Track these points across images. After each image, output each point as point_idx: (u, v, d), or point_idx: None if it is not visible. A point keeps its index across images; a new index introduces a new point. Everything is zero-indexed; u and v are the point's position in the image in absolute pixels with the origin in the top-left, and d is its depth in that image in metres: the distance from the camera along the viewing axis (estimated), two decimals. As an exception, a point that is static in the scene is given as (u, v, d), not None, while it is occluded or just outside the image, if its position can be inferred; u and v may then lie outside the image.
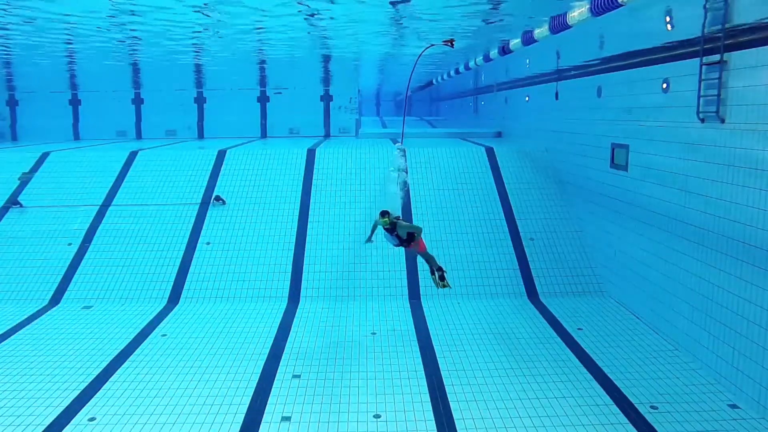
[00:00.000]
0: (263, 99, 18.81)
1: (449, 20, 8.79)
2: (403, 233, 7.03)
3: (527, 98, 14.03)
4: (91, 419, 5.94)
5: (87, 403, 6.27)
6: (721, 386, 6.43)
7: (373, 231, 7.78)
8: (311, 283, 9.85)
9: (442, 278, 7.33)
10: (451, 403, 6.20)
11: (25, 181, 12.25)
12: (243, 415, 6.00)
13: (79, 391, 6.53)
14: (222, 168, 12.44)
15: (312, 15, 7.96)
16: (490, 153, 12.61)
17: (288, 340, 7.97)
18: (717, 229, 6.54)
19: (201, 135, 18.87)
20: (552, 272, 9.96)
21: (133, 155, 13.04)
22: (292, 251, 10.40)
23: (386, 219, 6.92)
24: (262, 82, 18.03)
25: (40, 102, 18.76)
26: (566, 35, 8.95)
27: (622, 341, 7.76)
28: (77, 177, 12.33)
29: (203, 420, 5.91)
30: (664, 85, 7.58)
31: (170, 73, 15.50)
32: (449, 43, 9.19)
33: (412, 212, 11.03)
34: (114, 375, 6.93)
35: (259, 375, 6.92)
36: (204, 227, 10.93)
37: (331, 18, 8.31)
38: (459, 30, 9.65)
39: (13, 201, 11.59)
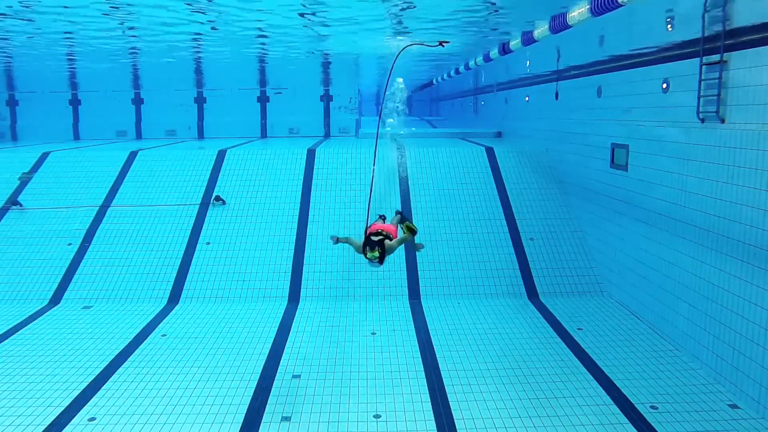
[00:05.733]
0: (263, 99, 18.82)
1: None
2: (394, 249, 5.99)
3: (527, 98, 14.03)
4: (91, 419, 5.94)
5: (87, 403, 6.27)
6: (721, 386, 6.43)
7: (345, 241, 6.40)
8: (311, 283, 9.85)
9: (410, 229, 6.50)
10: (451, 403, 6.20)
11: (25, 181, 12.25)
12: (243, 415, 6.00)
13: (79, 391, 6.54)
14: (222, 168, 12.44)
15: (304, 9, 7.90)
16: (490, 153, 12.61)
17: (288, 340, 7.97)
18: (717, 229, 6.54)
19: (201, 135, 18.87)
20: (552, 272, 9.96)
21: (133, 155, 13.05)
22: (292, 251, 10.40)
23: (375, 253, 5.73)
24: (262, 82, 18.04)
25: (40, 102, 18.77)
26: (566, 35, 8.94)
27: (622, 341, 7.76)
28: (77, 177, 12.33)
29: (203, 420, 5.91)
30: (664, 85, 7.58)
31: (170, 73, 15.51)
32: (441, 44, 9.22)
33: (413, 212, 11.04)
34: (114, 375, 6.93)
35: (259, 375, 6.92)
36: (204, 227, 10.94)
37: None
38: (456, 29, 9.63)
39: (13, 201, 11.59)
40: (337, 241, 6.38)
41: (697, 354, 6.96)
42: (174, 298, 9.63)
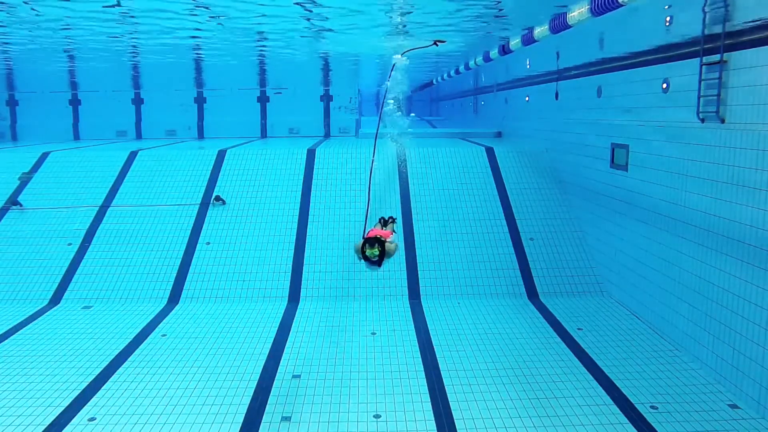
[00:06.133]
0: (263, 99, 18.82)
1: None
2: (393, 253, 5.94)
3: (527, 98, 14.03)
4: (91, 419, 5.94)
5: (87, 403, 6.28)
6: (721, 386, 6.43)
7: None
8: (311, 283, 9.85)
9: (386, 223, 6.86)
10: (451, 403, 6.20)
11: (25, 181, 12.25)
12: (243, 415, 6.01)
13: (79, 391, 6.54)
14: (222, 168, 12.44)
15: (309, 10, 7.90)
16: (490, 153, 12.61)
17: (288, 340, 7.97)
18: (717, 229, 6.55)
19: (201, 135, 18.87)
20: (552, 272, 9.96)
21: (133, 155, 13.05)
22: (292, 251, 10.40)
23: (375, 250, 5.64)
24: (262, 82, 18.04)
25: (40, 102, 18.77)
26: (566, 35, 8.94)
27: (622, 341, 7.76)
28: (77, 177, 12.33)
29: (203, 420, 5.91)
30: (664, 85, 7.58)
31: (170, 73, 15.51)
32: (436, 44, 9.25)
33: (413, 212, 11.04)
34: (114, 375, 6.93)
35: (259, 375, 6.92)
36: (204, 227, 10.94)
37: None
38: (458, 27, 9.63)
39: (13, 201, 11.59)
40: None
41: (697, 354, 6.96)
42: (174, 298, 9.63)
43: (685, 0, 6.99)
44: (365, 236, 5.99)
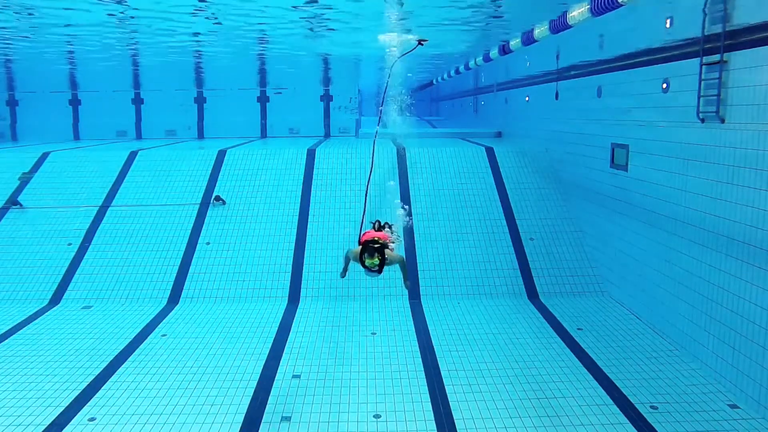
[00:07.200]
0: (263, 99, 18.82)
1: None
2: (396, 263, 5.81)
3: (527, 98, 14.03)
4: (91, 419, 5.94)
5: (87, 403, 6.28)
6: (721, 386, 6.43)
7: (347, 266, 6.36)
8: (311, 283, 9.85)
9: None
10: (451, 403, 6.20)
11: (25, 181, 12.25)
12: (243, 415, 6.01)
13: (79, 391, 6.54)
14: (222, 168, 12.44)
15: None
16: (490, 153, 12.61)
17: (288, 340, 7.97)
18: (717, 229, 6.54)
19: (201, 135, 18.88)
20: (552, 272, 9.96)
21: (133, 155, 13.05)
22: (292, 251, 10.40)
23: (375, 260, 5.36)
24: (262, 82, 18.04)
25: (40, 102, 18.77)
26: (566, 35, 8.95)
27: (622, 341, 7.76)
28: (77, 177, 12.33)
29: (203, 420, 5.91)
30: (664, 85, 7.58)
31: (170, 73, 15.50)
32: (420, 43, 9.29)
33: (413, 212, 11.03)
34: (114, 375, 6.93)
35: (259, 375, 6.92)
36: (204, 227, 10.93)
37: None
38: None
39: (13, 201, 11.59)
40: (345, 271, 6.45)
41: (697, 354, 6.96)
42: (174, 298, 9.63)
43: (685, 0, 6.99)
44: (361, 239, 5.87)
